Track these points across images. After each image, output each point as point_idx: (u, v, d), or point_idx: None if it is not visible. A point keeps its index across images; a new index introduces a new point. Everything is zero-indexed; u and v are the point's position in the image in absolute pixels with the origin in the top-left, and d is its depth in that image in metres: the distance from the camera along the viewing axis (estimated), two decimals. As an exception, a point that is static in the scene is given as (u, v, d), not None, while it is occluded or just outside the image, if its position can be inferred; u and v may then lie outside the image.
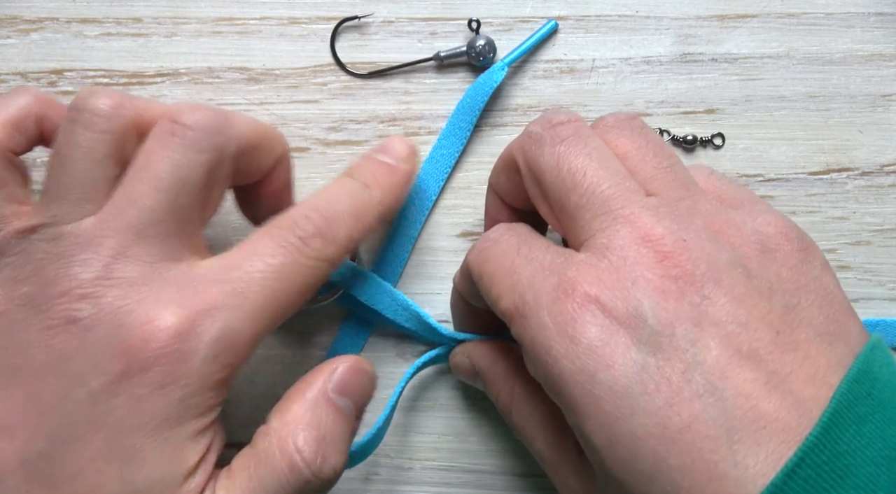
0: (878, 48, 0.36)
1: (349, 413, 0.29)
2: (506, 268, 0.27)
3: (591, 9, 0.37)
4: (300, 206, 0.29)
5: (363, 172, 0.31)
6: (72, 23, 0.38)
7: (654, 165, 0.27)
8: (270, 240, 0.27)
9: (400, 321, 0.35)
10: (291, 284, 0.27)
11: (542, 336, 0.25)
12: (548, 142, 0.28)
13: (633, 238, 0.25)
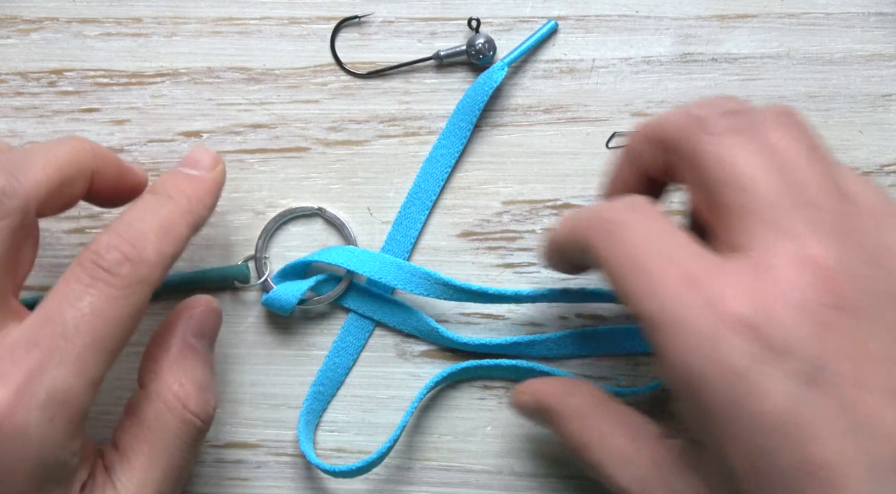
0: (878, 48, 0.36)
1: (208, 352, 0.31)
2: (640, 265, 0.25)
3: (591, 9, 0.37)
4: (102, 234, 0.28)
5: (165, 186, 0.30)
6: (72, 23, 0.38)
7: (812, 170, 0.25)
8: (76, 281, 0.27)
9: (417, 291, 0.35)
10: (111, 320, 0.26)
11: (688, 356, 0.23)
12: (717, 130, 0.25)
13: (796, 258, 0.23)
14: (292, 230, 0.37)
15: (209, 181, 0.31)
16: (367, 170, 0.37)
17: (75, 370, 0.26)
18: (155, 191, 0.30)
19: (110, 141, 0.37)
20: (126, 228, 0.28)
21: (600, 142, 0.37)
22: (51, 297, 0.27)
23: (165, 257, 0.28)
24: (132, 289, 0.27)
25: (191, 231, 0.30)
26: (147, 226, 0.28)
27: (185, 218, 0.29)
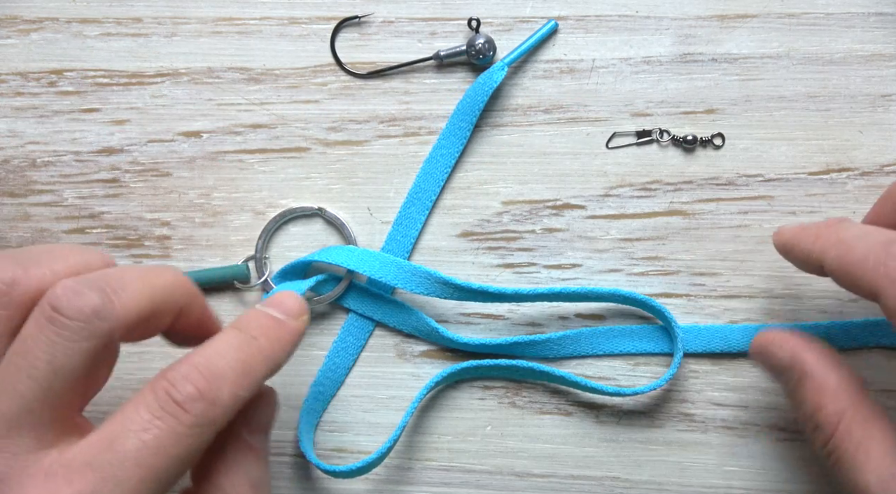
0: (878, 48, 0.36)
1: (264, 446, 0.29)
2: None
3: (591, 9, 0.37)
4: (181, 365, 0.26)
5: (250, 325, 0.29)
6: (72, 23, 0.38)
7: None
8: (145, 409, 0.25)
9: (418, 290, 0.35)
10: (170, 458, 0.25)
11: None
12: None
13: None
14: (292, 230, 0.37)
15: (294, 329, 0.30)
16: (367, 170, 0.37)
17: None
18: (239, 327, 0.28)
19: (110, 141, 0.37)
20: (206, 363, 0.26)
21: (600, 142, 0.37)
22: (118, 420, 0.25)
23: (238, 401, 0.27)
24: (199, 429, 0.26)
25: (267, 377, 0.28)
26: (227, 365, 0.27)
27: (264, 363, 0.28)
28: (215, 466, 0.28)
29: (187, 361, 0.26)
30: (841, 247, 0.28)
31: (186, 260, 0.37)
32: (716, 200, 0.36)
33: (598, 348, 0.36)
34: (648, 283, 0.36)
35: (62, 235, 0.37)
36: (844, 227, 0.29)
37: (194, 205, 0.37)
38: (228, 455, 0.28)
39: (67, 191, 0.37)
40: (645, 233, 0.36)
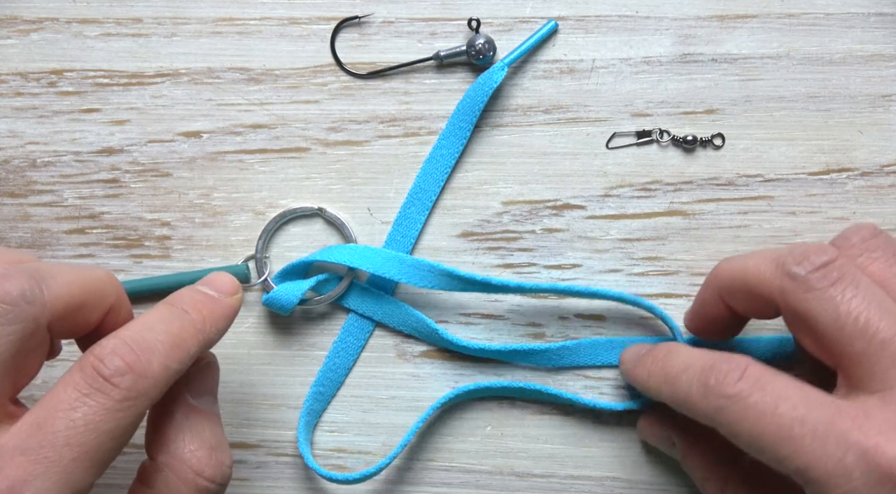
0: (878, 48, 0.36)
1: (213, 408, 0.29)
2: (773, 433, 0.25)
3: (591, 9, 0.37)
4: (108, 340, 0.26)
5: (182, 300, 0.29)
6: (72, 23, 0.38)
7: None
8: (73, 387, 0.25)
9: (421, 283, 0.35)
10: (103, 434, 0.25)
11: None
12: (816, 285, 0.26)
13: None
14: (292, 230, 0.37)
15: (226, 305, 0.30)
16: (367, 171, 0.37)
17: (60, 481, 0.24)
18: (170, 302, 0.29)
19: (110, 141, 0.37)
20: (133, 336, 0.26)
21: (600, 142, 0.37)
22: (46, 401, 0.25)
23: (170, 373, 0.27)
24: (130, 402, 0.25)
25: (199, 350, 0.28)
26: (156, 337, 0.27)
27: (195, 336, 0.28)
28: (168, 435, 0.28)
29: (115, 336, 0.26)
30: (667, 384, 0.29)
31: (186, 260, 0.37)
32: (716, 200, 0.36)
33: (597, 359, 0.36)
34: (648, 283, 0.36)
35: (62, 235, 0.37)
36: (669, 360, 0.29)
37: (194, 205, 0.37)
38: (179, 421, 0.28)
39: (67, 191, 0.37)
40: (645, 233, 0.36)
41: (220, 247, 0.37)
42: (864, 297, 0.26)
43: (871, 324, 0.25)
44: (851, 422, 0.24)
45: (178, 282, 0.36)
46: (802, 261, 0.27)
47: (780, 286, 0.27)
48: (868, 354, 0.25)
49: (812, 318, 0.26)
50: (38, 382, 0.37)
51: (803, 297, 0.27)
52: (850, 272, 0.27)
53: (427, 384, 0.36)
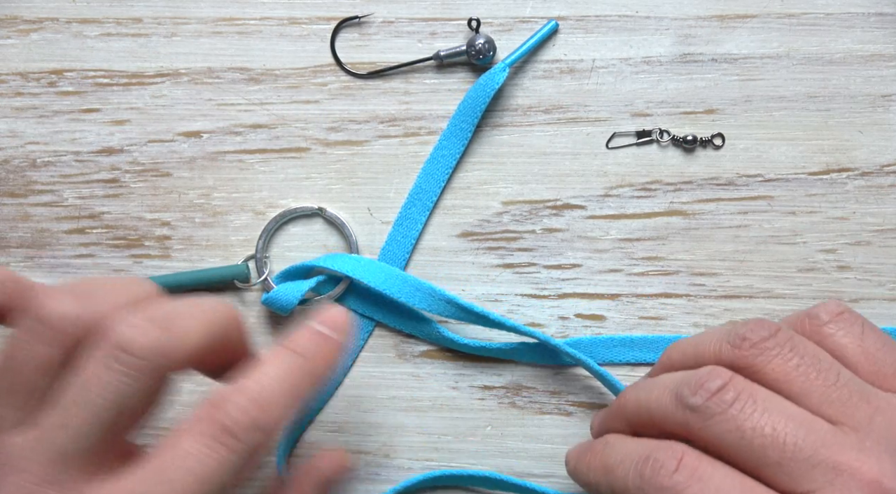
0: (878, 48, 0.36)
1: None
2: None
3: (591, 9, 0.37)
4: (233, 393, 0.26)
5: (301, 345, 0.28)
6: (72, 23, 0.38)
7: (821, 384, 0.27)
8: (198, 438, 0.25)
9: (417, 304, 0.35)
10: (219, 485, 0.25)
11: None
12: (715, 411, 0.26)
13: (866, 489, 0.24)
14: (292, 230, 0.37)
15: (339, 345, 0.29)
16: (367, 171, 0.37)
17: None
18: (290, 347, 0.28)
19: (110, 141, 0.37)
20: (259, 391, 0.26)
21: (600, 142, 0.37)
22: (168, 448, 0.25)
23: (285, 423, 0.27)
24: (252, 456, 0.26)
25: (311, 394, 0.28)
26: (278, 390, 0.27)
27: (311, 381, 0.28)
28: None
29: (241, 389, 0.26)
30: (606, 476, 0.29)
31: (186, 260, 0.37)
32: (716, 200, 0.36)
33: (596, 356, 0.36)
34: (648, 283, 0.36)
35: (62, 235, 0.37)
36: (607, 452, 0.29)
37: (194, 205, 0.37)
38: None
39: (67, 191, 0.37)
40: (645, 233, 0.36)
41: (220, 247, 0.37)
42: (765, 409, 0.26)
43: (779, 432, 0.26)
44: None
45: (179, 282, 0.36)
46: (698, 391, 0.27)
47: (683, 421, 0.27)
48: (785, 461, 0.25)
49: (721, 443, 0.26)
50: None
51: (706, 425, 0.27)
52: (745, 389, 0.27)
53: (427, 384, 0.36)
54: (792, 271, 0.36)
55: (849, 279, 0.36)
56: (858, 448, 0.25)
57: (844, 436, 0.26)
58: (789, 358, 0.27)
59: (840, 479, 0.25)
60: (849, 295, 0.36)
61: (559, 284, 0.36)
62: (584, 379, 0.36)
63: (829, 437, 0.25)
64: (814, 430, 0.26)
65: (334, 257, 0.36)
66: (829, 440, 0.25)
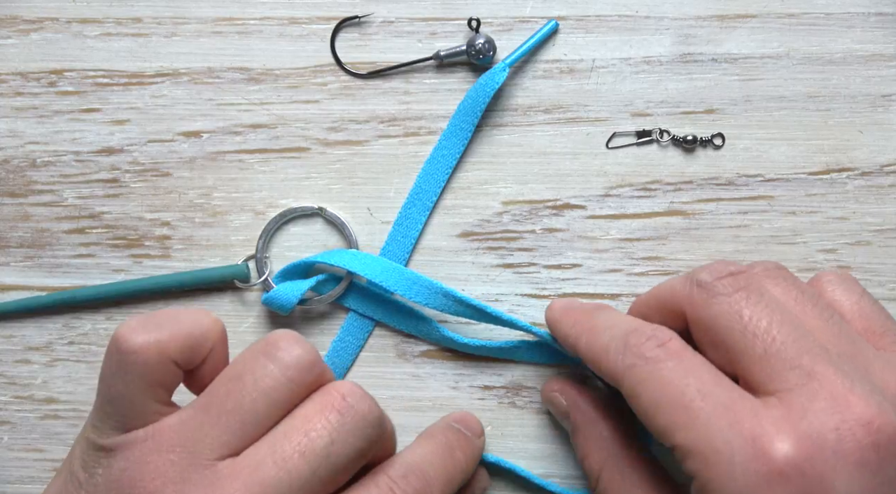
0: (878, 48, 0.36)
1: None
2: (675, 400, 0.26)
3: (591, 9, 0.37)
4: (397, 464, 0.29)
5: (447, 435, 0.32)
6: (72, 23, 0.38)
7: (815, 316, 0.28)
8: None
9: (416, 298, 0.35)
10: None
11: (732, 489, 0.24)
12: (722, 291, 0.27)
13: (833, 401, 0.25)
14: (292, 230, 0.37)
15: (478, 447, 0.33)
16: (367, 170, 0.37)
17: None
18: (440, 440, 0.31)
19: (110, 141, 0.37)
20: (420, 468, 0.29)
21: (600, 142, 0.37)
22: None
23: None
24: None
25: (459, 487, 0.31)
26: (436, 473, 0.29)
27: (460, 475, 0.31)
28: None
29: (403, 462, 0.29)
30: (590, 334, 0.30)
31: (186, 260, 0.37)
32: (716, 200, 0.36)
33: None
34: (648, 283, 0.36)
35: (62, 235, 0.37)
36: (598, 315, 0.31)
37: (194, 205, 0.37)
38: None
39: (67, 191, 0.37)
40: (645, 233, 0.36)
41: (220, 247, 0.37)
42: (767, 305, 0.27)
43: (773, 328, 0.26)
44: (749, 410, 0.25)
45: (179, 282, 0.36)
46: (711, 271, 0.28)
47: (688, 294, 0.28)
48: (768, 356, 0.26)
49: (717, 322, 0.27)
50: (37, 382, 0.37)
51: (709, 302, 0.28)
52: (756, 282, 0.28)
53: (427, 384, 0.36)
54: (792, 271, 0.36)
55: (849, 279, 0.36)
56: (837, 367, 0.26)
57: (827, 353, 0.26)
58: (790, 289, 0.29)
59: (811, 385, 0.25)
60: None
61: (559, 284, 0.36)
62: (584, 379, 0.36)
63: (816, 349, 0.26)
64: (804, 338, 0.26)
65: (333, 253, 0.36)
66: (815, 351, 0.26)
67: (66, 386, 0.37)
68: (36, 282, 0.37)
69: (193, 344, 0.28)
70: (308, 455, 0.26)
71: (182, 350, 0.28)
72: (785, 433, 0.24)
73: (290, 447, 0.26)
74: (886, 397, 0.25)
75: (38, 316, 0.37)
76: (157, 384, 0.27)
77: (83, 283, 0.37)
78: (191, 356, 0.28)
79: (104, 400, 0.27)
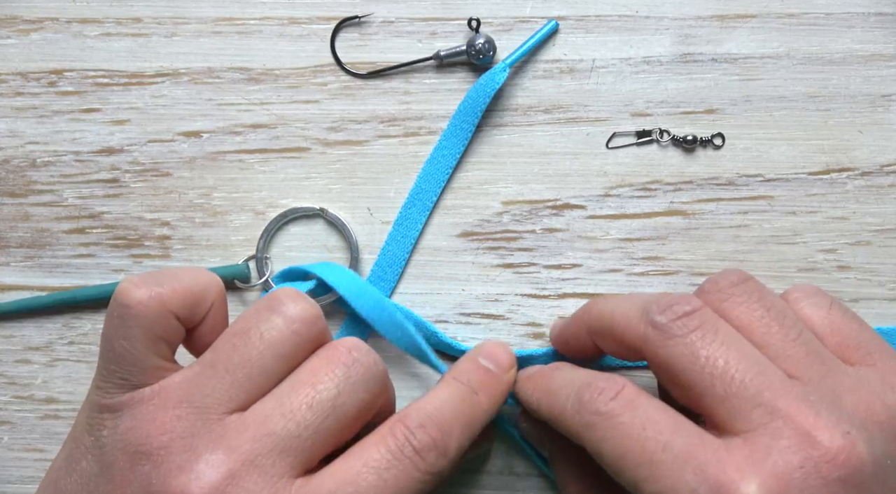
0: (878, 48, 0.36)
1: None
2: (636, 455, 0.26)
3: (591, 9, 0.37)
4: (414, 412, 0.28)
5: (470, 378, 0.30)
6: (72, 23, 0.38)
7: (781, 338, 0.27)
8: (385, 449, 0.26)
9: (392, 338, 0.34)
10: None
11: None
12: (677, 333, 0.27)
13: (797, 438, 0.25)
14: (293, 230, 0.37)
15: (505, 384, 0.31)
16: (367, 170, 0.37)
17: None
18: (460, 379, 0.30)
19: (110, 141, 0.37)
20: (437, 414, 0.28)
21: (600, 142, 0.37)
22: (356, 454, 0.27)
23: (460, 453, 0.28)
24: (429, 477, 0.27)
25: (480, 430, 0.29)
26: (455, 418, 0.28)
27: (482, 417, 0.29)
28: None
29: (420, 409, 0.28)
30: (548, 397, 0.30)
31: (186, 260, 0.37)
32: (716, 200, 0.36)
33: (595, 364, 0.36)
34: (648, 283, 0.36)
35: (62, 235, 0.37)
36: (554, 376, 0.30)
37: (194, 205, 0.37)
38: None
39: (67, 191, 0.37)
40: (645, 233, 0.36)
41: (220, 247, 0.37)
42: (723, 342, 0.27)
43: (731, 367, 0.26)
44: (712, 455, 0.25)
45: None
46: (665, 311, 0.27)
47: (643, 334, 0.28)
48: (729, 396, 0.26)
49: (673, 365, 0.27)
50: (37, 382, 0.37)
51: (665, 344, 0.27)
52: (710, 320, 0.27)
53: (427, 384, 0.36)
54: (792, 271, 0.36)
55: (849, 279, 0.36)
56: (801, 399, 0.25)
57: (791, 386, 0.26)
58: (755, 308, 0.28)
59: (774, 423, 0.25)
60: (849, 295, 0.36)
61: (559, 284, 0.36)
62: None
63: (777, 383, 0.26)
64: (764, 373, 0.26)
65: (325, 266, 0.35)
66: (776, 385, 0.26)
67: (66, 386, 0.37)
68: (36, 282, 0.37)
69: (194, 300, 0.28)
70: (315, 407, 0.26)
71: (183, 304, 0.28)
72: (750, 476, 0.24)
73: (297, 400, 0.26)
74: (855, 422, 0.25)
75: (38, 316, 0.37)
76: (159, 338, 0.27)
77: (83, 283, 0.37)
78: (192, 311, 0.28)
79: (107, 360, 0.27)
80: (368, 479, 0.26)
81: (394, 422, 0.27)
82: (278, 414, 0.26)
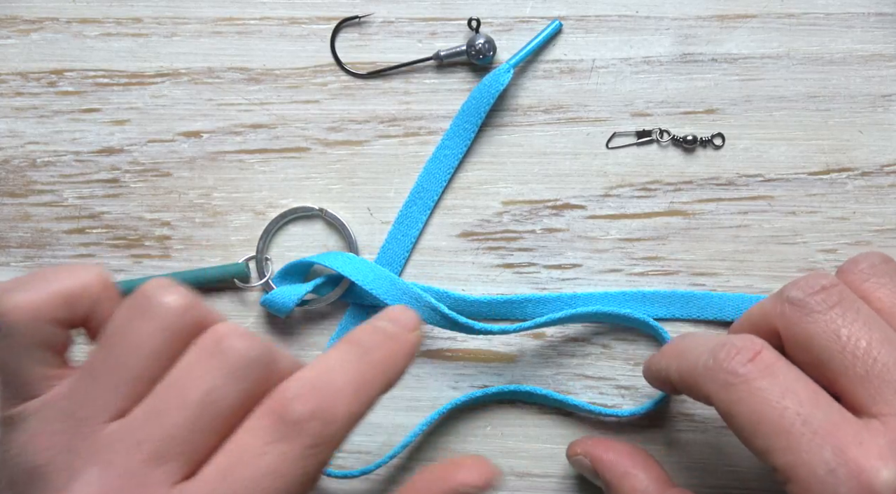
0: (878, 48, 0.36)
1: None
2: (773, 423, 0.25)
3: (591, 9, 0.37)
4: (290, 382, 0.25)
5: (362, 338, 0.27)
6: (72, 23, 0.38)
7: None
8: (259, 433, 0.24)
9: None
10: (289, 481, 0.24)
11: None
12: (816, 309, 0.26)
13: None
14: (293, 230, 0.37)
15: (408, 343, 0.28)
16: (367, 170, 0.37)
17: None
18: (351, 341, 0.27)
19: (110, 141, 0.37)
20: (317, 380, 0.25)
21: (600, 142, 0.37)
22: (231, 448, 0.24)
23: (354, 419, 0.25)
24: (316, 449, 0.24)
25: (382, 392, 0.27)
26: (341, 380, 0.25)
27: (378, 378, 0.26)
28: None
29: (298, 379, 0.25)
30: (679, 359, 0.29)
31: (186, 260, 0.37)
32: (716, 200, 0.36)
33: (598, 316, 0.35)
34: (648, 283, 0.36)
35: (62, 235, 0.37)
36: (684, 340, 0.30)
37: (194, 205, 0.37)
38: None
39: (67, 191, 0.37)
40: (645, 233, 0.36)
41: (220, 247, 0.37)
42: (865, 322, 0.26)
43: (873, 349, 0.25)
44: (853, 437, 0.24)
45: (179, 281, 0.36)
46: (801, 287, 0.27)
47: (780, 313, 0.27)
48: (870, 377, 0.25)
49: (812, 342, 0.26)
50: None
51: (804, 320, 0.27)
52: (850, 297, 0.27)
53: (427, 384, 0.36)
54: (792, 271, 0.36)
55: (849, 279, 0.36)
56: None
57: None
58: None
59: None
60: (849, 295, 0.36)
61: (559, 284, 0.36)
62: (584, 379, 0.36)
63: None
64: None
65: (330, 255, 0.36)
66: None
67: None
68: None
69: (70, 301, 0.26)
70: (188, 406, 0.24)
71: (57, 308, 0.26)
72: (892, 464, 0.24)
73: (168, 401, 0.24)
74: None
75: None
76: (39, 347, 0.25)
77: (83, 283, 0.37)
78: (71, 311, 0.26)
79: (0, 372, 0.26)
80: (243, 473, 0.24)
81: (268, 399, 0.25)
82: (150, 419, 0.24)
